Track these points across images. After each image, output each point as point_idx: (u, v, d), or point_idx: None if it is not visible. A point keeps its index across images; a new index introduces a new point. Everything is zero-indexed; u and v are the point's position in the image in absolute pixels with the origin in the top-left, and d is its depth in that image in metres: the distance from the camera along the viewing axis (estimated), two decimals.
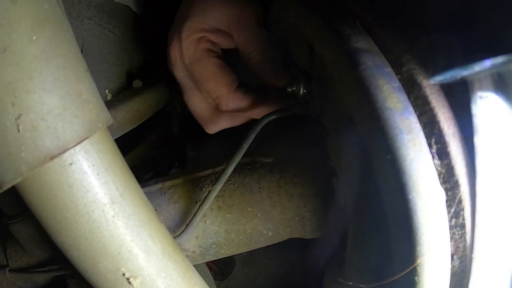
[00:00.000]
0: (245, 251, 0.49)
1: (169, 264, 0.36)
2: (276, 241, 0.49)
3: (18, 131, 0.28)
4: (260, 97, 0.49)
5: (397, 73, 0.31)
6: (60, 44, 0.30)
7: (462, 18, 0.27)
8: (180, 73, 0.51)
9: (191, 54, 0.48)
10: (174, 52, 0.48)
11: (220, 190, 0.45)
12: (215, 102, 0.49)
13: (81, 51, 0.34)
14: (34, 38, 0.28)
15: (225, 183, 0.45)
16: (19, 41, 0.27)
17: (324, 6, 0.38)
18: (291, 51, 0.47)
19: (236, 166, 0.44)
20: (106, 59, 0.53)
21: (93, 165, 0.32)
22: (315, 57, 0.41)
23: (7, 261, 0.55)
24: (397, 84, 0.30)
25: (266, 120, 0.45)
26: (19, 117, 0.27)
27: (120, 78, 0.56)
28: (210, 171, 0.49)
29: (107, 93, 0.53)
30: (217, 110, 0.51)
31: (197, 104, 0.52)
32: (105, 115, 0.33)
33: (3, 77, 0.27)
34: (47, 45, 0.29)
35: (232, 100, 0.48)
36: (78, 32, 0.48)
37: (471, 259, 0.28)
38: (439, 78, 0.25)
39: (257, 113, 0.49)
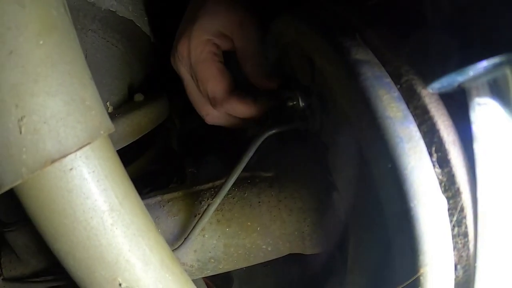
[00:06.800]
0: (243, 266, 0.48)
1: (167, 275, 0.35)
2: (276, 257, 0.48)
3: (20, 133, 0.27)
4: (251, 102, 0.53)
5: (396, 84, 0.31)
6: (66, 50, 0.31)
7: (456, 19, 0.27)
8: (183, 68, 0.54)
9: (198, 54, 0.52)
10: (183, 49, 0.52)
11: (219, 204, 0.45)
12: (211, 101, 0.53)
13: None
14: (41, 42, 0.28)
15: (224, 197, 0.45)
16: (26, 45, 0.28)
17: (324, 21, 0.39)
18: (291, 66, 0.48)
19: (236, 180, 0.44)
20: (108, 72, 0.53)
21: (93, 171, 0.32)
22: (316, 71, 0.41)
23: (1, 270, 0.53)
24: (396, 93, 0.30)
25: (267, 135, 0.46)
26: (21, 119, 0.27)
27: (121, 91, 0.56)
28: (209, 184, 0.49)
29: (108, 105, 0.53)
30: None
31: (196, 91, 0.55)
32: (107, 123, 0.34)
33: (8, 79, 0.27)
34: (54, 51, 0.29)
35: (226, 103, 0.52)
36: (82, 44, 0.49)
37: (475, 268, 0.28)
38: (437, 86, 0.25)
39: (248, 117, 0.53)
